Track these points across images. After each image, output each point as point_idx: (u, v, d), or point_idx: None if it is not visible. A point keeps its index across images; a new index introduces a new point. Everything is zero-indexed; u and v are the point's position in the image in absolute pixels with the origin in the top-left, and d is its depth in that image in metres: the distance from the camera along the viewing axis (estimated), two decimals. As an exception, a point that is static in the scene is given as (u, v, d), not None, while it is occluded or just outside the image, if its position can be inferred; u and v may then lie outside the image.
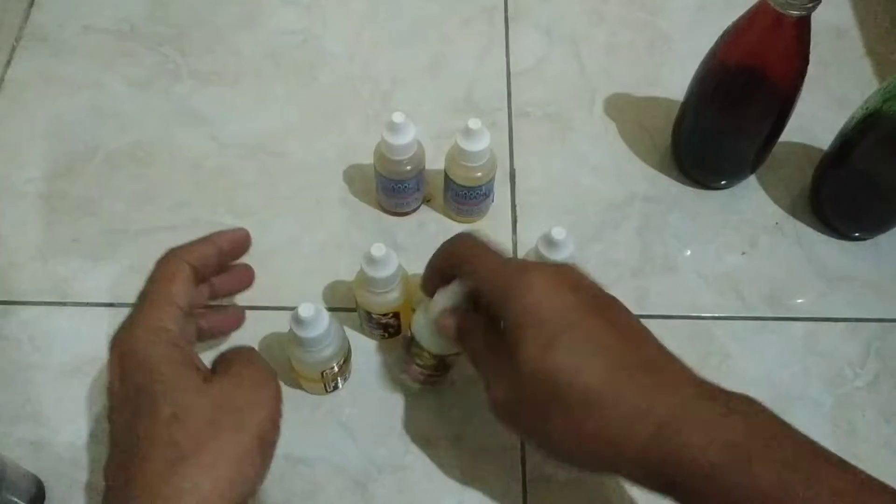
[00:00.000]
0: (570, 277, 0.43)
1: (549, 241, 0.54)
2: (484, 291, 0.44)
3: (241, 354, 0.44)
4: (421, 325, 0.51)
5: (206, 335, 0.49)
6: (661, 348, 0.42)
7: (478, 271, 0.45)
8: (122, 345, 0.41)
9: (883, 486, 0.36)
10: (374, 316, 0.57)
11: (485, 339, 0.45)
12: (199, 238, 0.47)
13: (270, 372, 0.44)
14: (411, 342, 0.53)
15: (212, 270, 0.47)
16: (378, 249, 0.52)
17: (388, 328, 0.58)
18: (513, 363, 0.41)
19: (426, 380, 0.56)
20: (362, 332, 0.61)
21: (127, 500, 0.36)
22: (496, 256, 0.46)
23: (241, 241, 0.48)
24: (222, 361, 0.44)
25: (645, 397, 0.39)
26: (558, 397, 0.40)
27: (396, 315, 0.57)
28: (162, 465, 0.36)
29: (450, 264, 0.48)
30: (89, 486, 0.54)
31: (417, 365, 0.54)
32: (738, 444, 0.37)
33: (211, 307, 0.51)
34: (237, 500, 0.38)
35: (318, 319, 0.50)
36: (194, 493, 0.36)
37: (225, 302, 0.52)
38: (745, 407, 0.39)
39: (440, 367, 0.54)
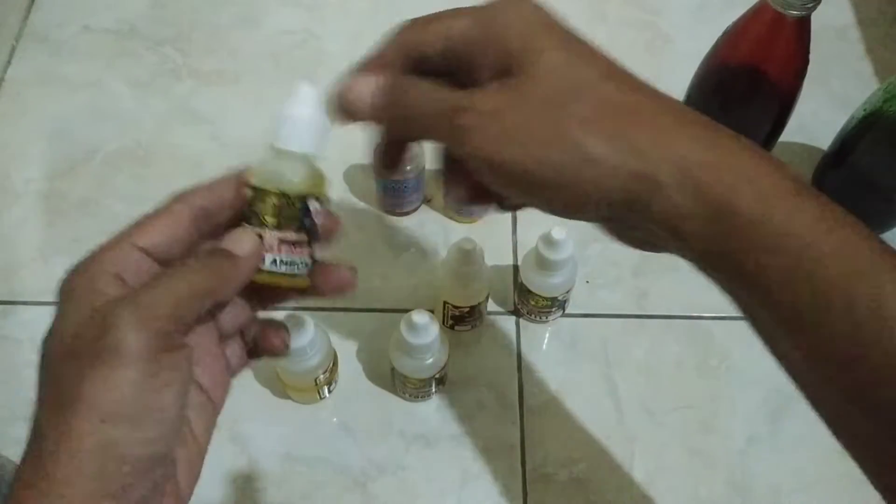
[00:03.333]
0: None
1: (549, 241, 0.54)
2: (458, 44, 0.33)
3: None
4: (530, 276, 0.57)
5: (238, 364, 0.37)
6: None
7: (441, 29, 0.34)
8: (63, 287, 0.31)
9: None
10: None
11: (433, 83, 0.33)
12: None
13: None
14: (524, 288, 0.58)
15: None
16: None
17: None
18: (512, 73, 0.32)
19: (539, 313, 0.61)
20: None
21: None
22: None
23: None
24: None
25: (691, 112, 0.32)
26: (587, 89, 0.31)
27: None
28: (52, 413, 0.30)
29: (397, 53, 0.35)
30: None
31: (531, 304, 0.59)
32: (795, 178, 0.31)
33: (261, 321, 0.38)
34: (157, 441, 0.30)
35: (304, 328, 0.51)
36: (100, 455, 0.29)
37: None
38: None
39: (552, 305, 0.59)
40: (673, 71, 0.75)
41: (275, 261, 0.35)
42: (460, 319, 0.59)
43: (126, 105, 0.73)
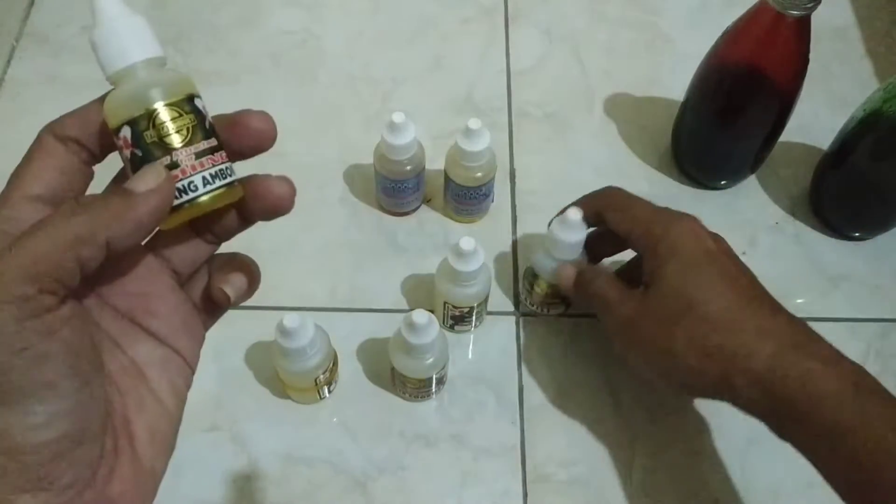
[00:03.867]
0: (708, 231, 0.52)
1: (565, 221, 0.54)
2: (635, 233, 0.52)
3: None
4: (540, 261, 0.57)
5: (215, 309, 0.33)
6: (771, 296, 0.50)
7: (631, 216, 0.53)
8: None
9: None
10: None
11: (608, 279, 0.53)
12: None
13: None
14: (532, 273, 0.59)
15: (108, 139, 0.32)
16: (467, 243, 0.53)
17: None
18: (651, 284, 0.49)
19: (543, 303, 0.61)
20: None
21: None
22: (647, 205, 0.53)
23: None
24: None
25: (768, 323, 0.46)
26: (691, 311, 0.47)
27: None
28: None
29: (598, 209, 0.54)
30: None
31: (536, 293, 0.60)
32: (857, 382, 0.43)
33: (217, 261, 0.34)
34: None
35: (303, 329, 0.51)
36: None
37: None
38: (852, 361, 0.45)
39: (557, 295, 0.60)
40: (673, 71, 0.75)
41: (205, 178, 0.31)
42: (460, 319, 0.59)
43: (126, 105, 0.73)
